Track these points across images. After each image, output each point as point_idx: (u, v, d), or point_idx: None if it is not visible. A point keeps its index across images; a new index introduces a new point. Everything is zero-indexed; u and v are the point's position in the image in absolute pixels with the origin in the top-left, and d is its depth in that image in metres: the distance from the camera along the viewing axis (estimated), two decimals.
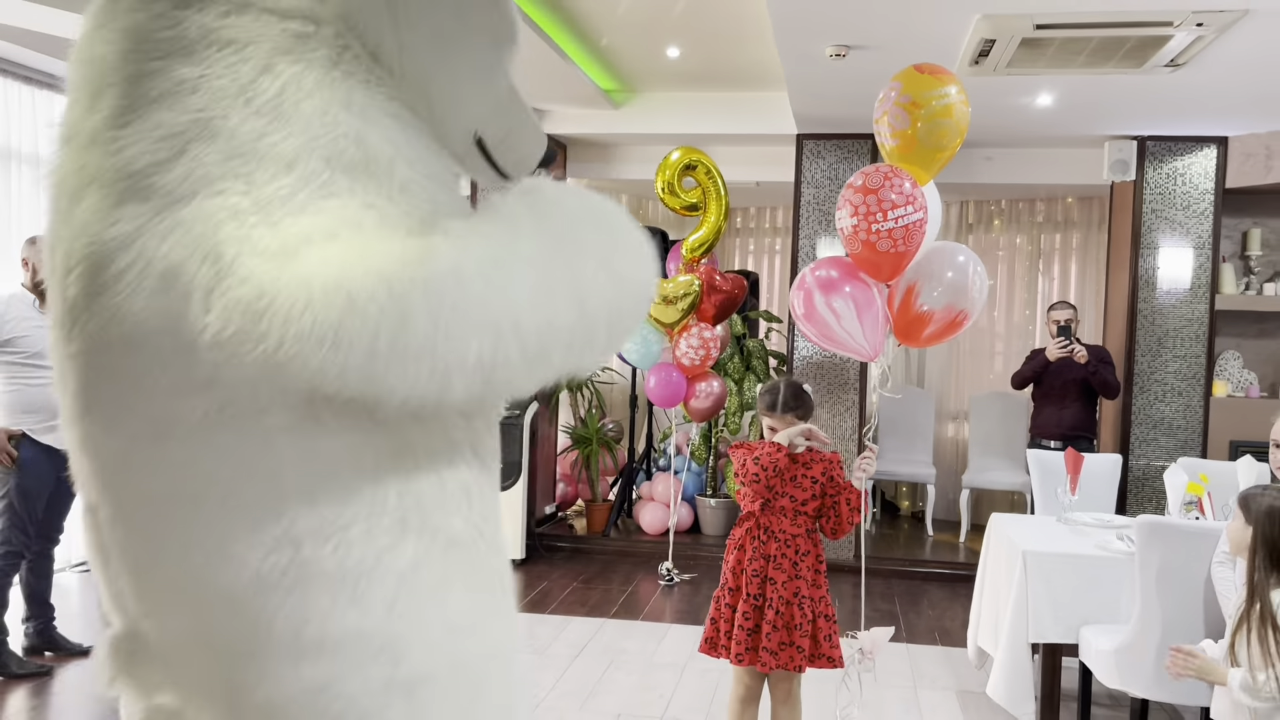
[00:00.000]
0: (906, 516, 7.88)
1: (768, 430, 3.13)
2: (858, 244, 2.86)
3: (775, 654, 3.01)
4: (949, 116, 2.91)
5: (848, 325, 2.96)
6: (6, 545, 4.06)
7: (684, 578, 5.96)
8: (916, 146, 2.90)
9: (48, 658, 4.25)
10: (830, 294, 2.99)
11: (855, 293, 2.98)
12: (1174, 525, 3.22)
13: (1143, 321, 6.11)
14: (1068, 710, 3.73)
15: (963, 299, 2.97)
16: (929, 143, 2.92)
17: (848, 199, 2.89)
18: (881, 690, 4.23)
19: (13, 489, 4.06)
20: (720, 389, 5.81)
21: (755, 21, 4.84)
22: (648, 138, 6.66)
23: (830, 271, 3.06)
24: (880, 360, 3.06)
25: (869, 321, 2.98)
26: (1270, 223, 6.26)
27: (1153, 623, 3.18)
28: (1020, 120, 5.66)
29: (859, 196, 2.85)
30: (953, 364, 7.94)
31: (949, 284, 2.97)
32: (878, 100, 3.03)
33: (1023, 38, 4.08)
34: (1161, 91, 4.95)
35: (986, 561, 4.15)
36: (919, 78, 2.93)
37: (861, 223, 2.83)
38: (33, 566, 4.22)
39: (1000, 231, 7.86)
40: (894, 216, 2.80)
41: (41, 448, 4.07)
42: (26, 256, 4.14)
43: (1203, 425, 6.04)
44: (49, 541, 4.27)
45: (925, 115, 2.87)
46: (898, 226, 2.82)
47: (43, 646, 4.29)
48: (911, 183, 2.86)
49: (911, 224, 2.83)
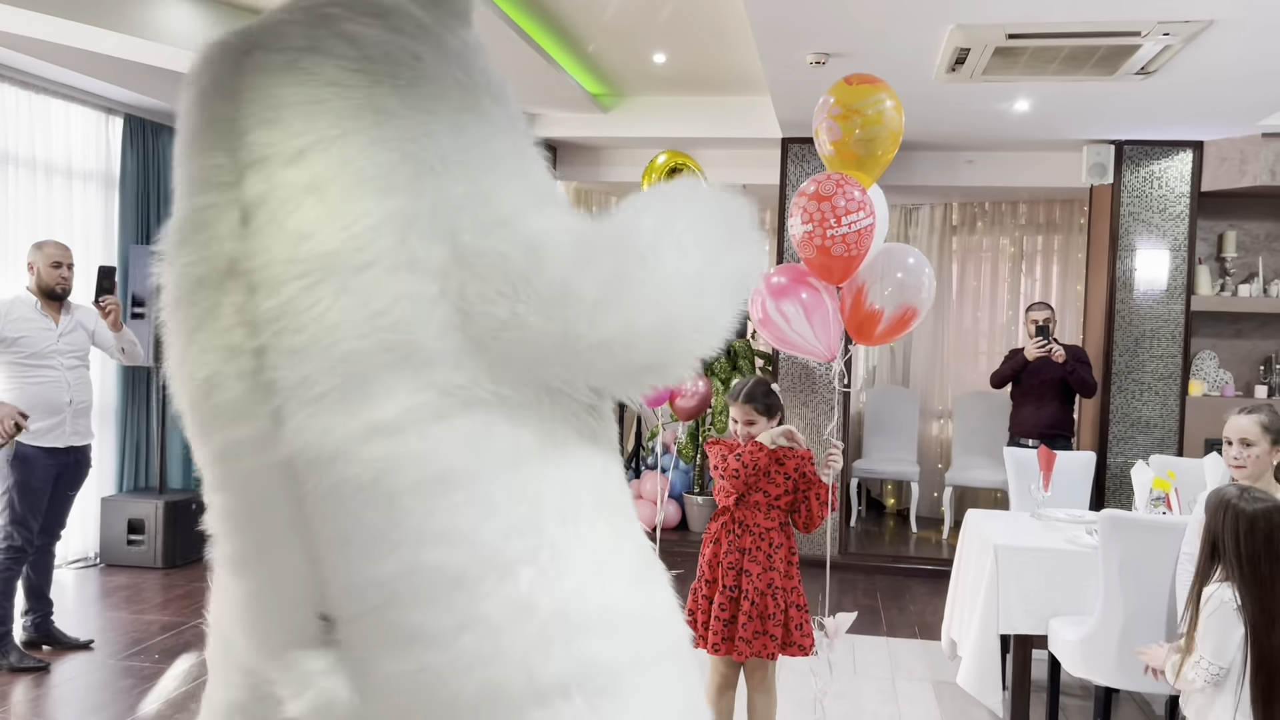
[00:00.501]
0: (891, 514, 8.00)
1: (731, 420, 3.27)
2: (811, 249, 2.97)
3: (749, 642, 3.12)
4: (880, 124, 3.04)
5: (798, 328, 3.08)
6: (9, 541, 4.16)
7: (671, 574, 6.05)
8: (853, 154, 3.04)
9: (45, 651, 4.35)
10: (780, 299, 3.11)
11: (806, 297, 3.10)
12: (1136, 519, 3.34)
13: (1120, 322, 6.23)
14: (1038, 700, 3.84)
15: (913, 297, 3.12)
16: (864, 150, 3.05)
17: (801, 206, 3.01)
18: (860, 681, 4.34)
19: (14, 486, 4.16)
20: (706, 388, 5.91)
21: (739, 28, 4.95)
22: (636, 141, 6.76)
23: (782, 278, 3.18)
24: (839, 359, 3.17)
25: (819, 323, 3.10)
26: (1245, 225, 6.39)
27: (1116, 614, 3.30)
28: (1000, 125, 5.78)
29: (813, 204, 2.96)
30: (937, 364, 8.05)
31: (899, 283, 3.12)
32: (815, 111, 3.15)
33: (996, 47, 4.19)
34: (1135, 97, 5.07)
35: (962, 556, 4.26)
36: (849, 89, 3.07)
37: (816, 229, 2.94)
38: (34, 562, 4.33)
39: (983, 233, 7.98)
40: (847, 222, 2.93)
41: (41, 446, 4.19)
42: (32, 261, 4.27)
43: (1179, 424, 6.17)
44: (51, 537, 4.39)
45: (859, 123, 3.00)
46: (850, 231, 2.95)
47: (40, 640, 4.39)
48: (860, 189, 2.99)
49: (863, 229, 2.97)
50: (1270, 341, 6.38)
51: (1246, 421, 2.98)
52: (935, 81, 4.80)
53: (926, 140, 6.41)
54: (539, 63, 5.22)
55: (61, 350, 4.27)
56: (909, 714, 4.01)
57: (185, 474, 6.48)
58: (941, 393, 8.04)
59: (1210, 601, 2.45)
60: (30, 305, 4.22)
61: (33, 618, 4.40)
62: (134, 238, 6.04)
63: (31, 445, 4.16)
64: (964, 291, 8.05)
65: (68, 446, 4.29)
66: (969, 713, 4.00)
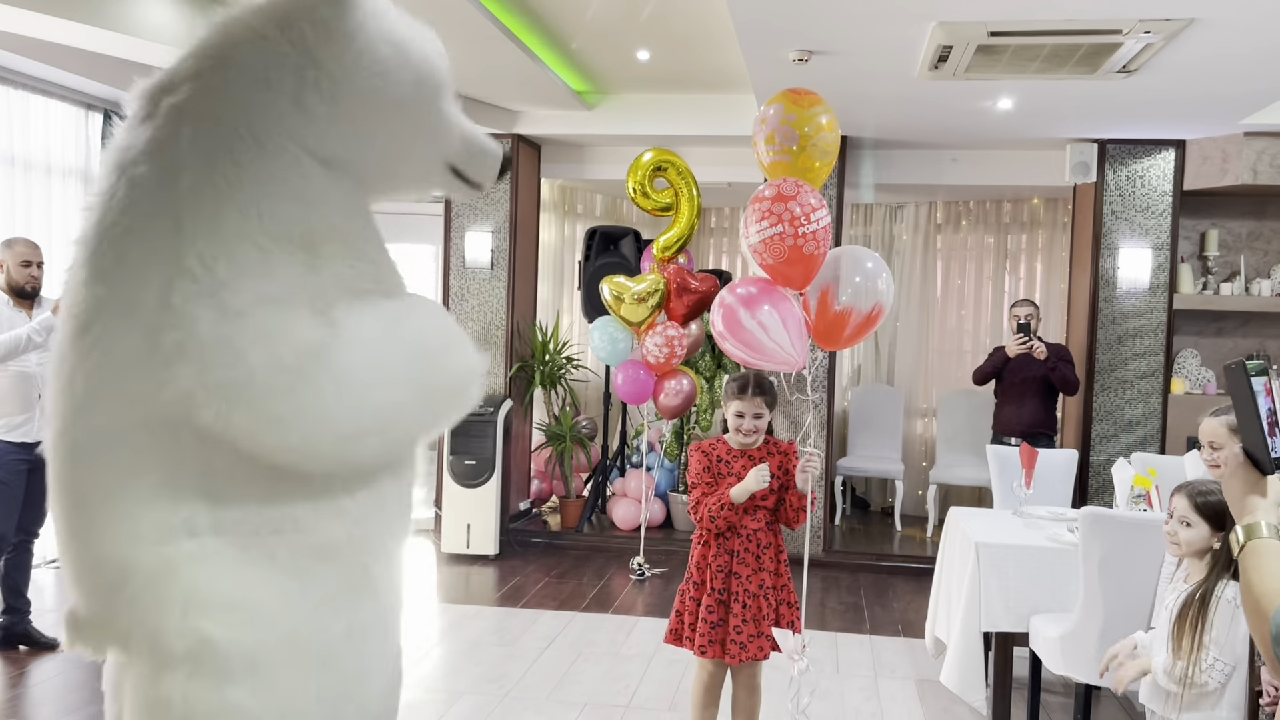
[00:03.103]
0: (876, 512, 8.01)
1: (733, 416, 3.19)
2: (783, 250, 2.96)
3: (744, 646, 3.10)
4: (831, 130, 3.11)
5: (776, 336, 3.05)
6: None
7: (655, 572, 6.06)
8: (807, 160, 3.06)
9: (21, 652, 4.32)
10: (754, 308, 3.08)
11: (778, 304, 3.09)
12: (1116, 516, 3.34)
13: (1103, 320, 6.25)
14: (1019, 697, 3.85)
15: (877, 295, 3.15)
16: (817, 156, 3.08)
17: (764, 210, 3.00)
18: (843, 680, 4.34)
19: None
20: (690, 387, 5.91)
21: (723, 26, 4.94)
22: (621, 139, 6.75)
23: (749, 289, 3.15)
24: (810, 367, 3.17)
25: (794, 329, 3.08)
26: (1227, 224, 6.42)
27: (1096, 610, 3.30)
28: (984, 123, 5.79)
29: (779, 205, 2.96)
30: (921, 362, 8.07)
31: (860, 284, 3.14)
32: (756, 122, 3.15)
33: (978, 44, 4.19)
34: (1118, 96, 5.08)
35: (945, 554, 4.27)
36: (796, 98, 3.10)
37: (787, 229, 2.94)
38: (12, 560, 4.32)
39: (967, 231, 8.00)
40: (815, 219, 2.96)
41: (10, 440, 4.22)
42: (1, 259, 4.28)
43: (1161, 421, 6.19)
44: (29, 535, 4.37)
45: (809, 132, 3.04)
46: (820, 228, 2.98)
47: (18, 640, 4.36)
48: (813, 191, 3.05)
49: (826, 226, 3.02)
50: (1251, 340, 6.41)
51: (1215, 424, 2.96)
52: (918, 79, 4.80)
53: (911, 139, 6.42)
54: (523, 60, 5.20)
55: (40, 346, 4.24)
56: (892, 712, 4.01)
57: None
58: (926, 391, 8.05)
59: (1216, 600, 2.45)
60: (2, 303, 4.27)
61: (9, 618, 4.37)
62: None
63: (3, 440, 4.19)
64: (948, 290, 8.06)
65: (39, 441, 4.22)
66: (952, 710, 4.00)
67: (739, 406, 3.15)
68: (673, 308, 5.72)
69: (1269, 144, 5.80)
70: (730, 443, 3.23)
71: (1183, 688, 2.48)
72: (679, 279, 5.70)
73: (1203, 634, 2.47)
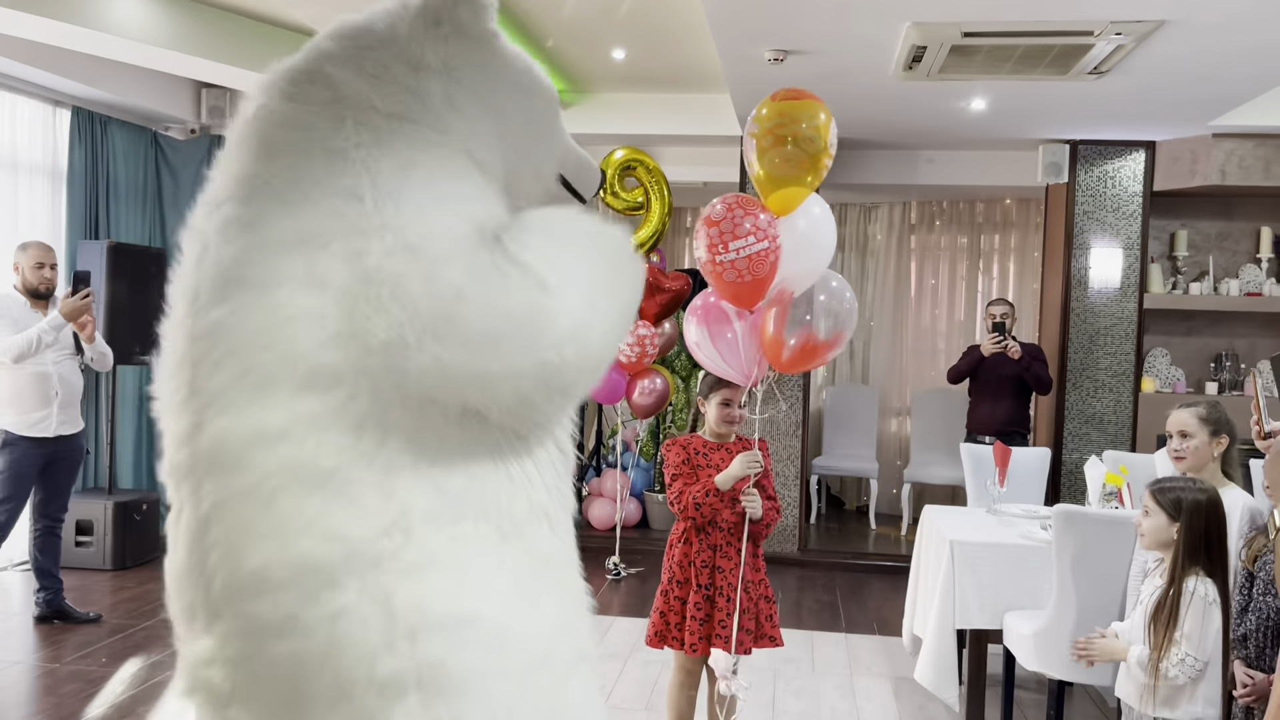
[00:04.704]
0: (851, 511, 8.04)
1: (719, 406, 3.18)
2: (709, 272, 2.87)
3: (751, 633, 3.14)
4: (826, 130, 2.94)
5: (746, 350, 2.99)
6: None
7: (631, 572, 6.05)
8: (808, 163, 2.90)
9: (56, 626, 4.64)
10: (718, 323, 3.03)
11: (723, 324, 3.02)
12: (1088, 514, 3.37)
13: (1075, 319, 6.30)
14: (993, 694, 3.87)
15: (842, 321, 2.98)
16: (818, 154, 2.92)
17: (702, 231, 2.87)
18: (818, 678, 4.35)
19: (1, 470, 4.47)
20: (663, 386, 5.90)
21: (698, 25, 4.94)
22: (596, 138, 6.72)
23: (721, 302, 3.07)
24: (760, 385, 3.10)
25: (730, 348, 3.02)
26: (1196, 224, 6.49)
27: (1069, 607, 3.32)
28: (958, 124, 5.82)
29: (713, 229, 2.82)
30: (896, 361, 8.11)
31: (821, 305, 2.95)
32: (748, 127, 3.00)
33: (952, 45, 4.22)
34: (1089, 97, 5.12)
35: (920, 552, 4.29)
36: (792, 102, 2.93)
37: (712, 254, 2.82)
38: (40, 545, 4.70)
39: (941, 231, 8.05)
40: (735, 247, 2.80)
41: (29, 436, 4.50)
42: (17, 262, 4.56)
43: (1132, 420, 6.25)
44: (54, 521, 4.74)
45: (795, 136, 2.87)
46: (740, 257, 2.81)
47: (53, 615, 4.70)
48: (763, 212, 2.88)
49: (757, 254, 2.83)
50: (1220, 339, 6.48)
51: (1185, 414, 3.04)
52: (893, 79, 4.82)
53: (885, 139, 6.45)
54: None
55: (50, 344, 4.50)
56: (867, 710, 4.02)
57: (135, 474, 6.36)
58: (900, 390, 8.10)
59: (1188, 597, 2.48)
60: (21, 304, 4.52)
61: (44, 595, 4.68)
62: (82, 232, 5.91)
63: (20, 435, 4.47)
64: (922, 290, 8.11)
65: (56, 436, 4.58)
66: (926, 708, 4.02)
67: (726, 394, 3.18)
68: (645, 307, 5.72)
69: (1237, 145, 5.87)
70: (706, 436, 3.25)
71: (1154, 679, 2.51)
72: (651, 278, 5.69)
73: (1174, 630, 2.50)
